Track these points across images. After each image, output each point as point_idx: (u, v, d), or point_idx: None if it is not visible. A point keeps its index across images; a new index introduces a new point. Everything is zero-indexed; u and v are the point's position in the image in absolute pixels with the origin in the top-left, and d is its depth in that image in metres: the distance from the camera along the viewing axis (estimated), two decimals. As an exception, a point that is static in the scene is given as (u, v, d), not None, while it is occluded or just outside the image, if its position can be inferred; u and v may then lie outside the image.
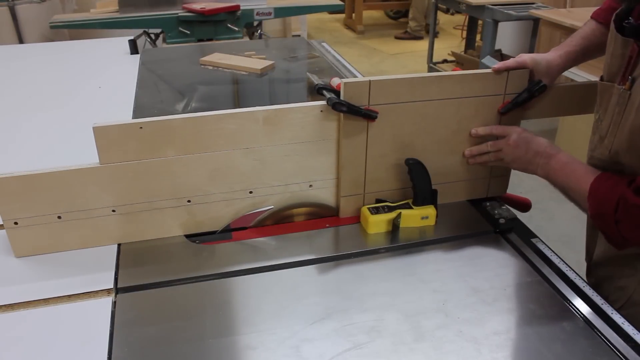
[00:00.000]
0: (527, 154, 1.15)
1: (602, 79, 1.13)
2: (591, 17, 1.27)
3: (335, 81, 1.17)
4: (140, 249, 1.14)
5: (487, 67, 1.20)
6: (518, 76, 1.20)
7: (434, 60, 5.22)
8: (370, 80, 1.11)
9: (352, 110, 1.12)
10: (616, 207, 0.96)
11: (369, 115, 1.13)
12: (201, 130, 1.08)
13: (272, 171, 1.17)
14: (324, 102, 1.13)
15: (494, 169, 1.29)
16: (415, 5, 6.78)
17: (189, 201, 1.15)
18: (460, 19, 6.58)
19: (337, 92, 1.13)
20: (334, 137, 1.17)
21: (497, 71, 1.18)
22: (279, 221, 1.23)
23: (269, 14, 3.41)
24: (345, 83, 1.11)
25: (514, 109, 1.22)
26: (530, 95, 1.20)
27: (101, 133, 1.03)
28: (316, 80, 1.21)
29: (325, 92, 1.15)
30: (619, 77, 1.05)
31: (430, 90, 1.16)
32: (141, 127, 1.04)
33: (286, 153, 1.16)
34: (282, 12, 3.55)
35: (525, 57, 1.21)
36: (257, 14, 3.38)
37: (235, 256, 1.13)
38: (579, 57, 1.25)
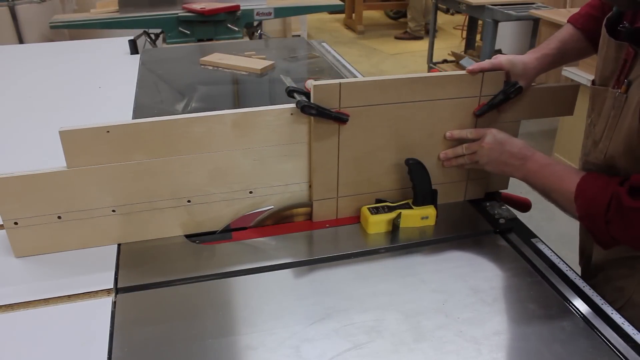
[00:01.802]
0: (501, 156, 1.14)
1: (593, 83, 1.12)
2: (568, 21, 1.26)
3: (309, 84, 1.15)
4: (140, 249, 1.14)
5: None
6: (493, 78, 1.19)
7: (434, 60, 5.22)
8: (340, 83, 1.10)
9: (321, 113, 1.10)
10: (607, 208, 0.95)
11: (339, 118, 1.12)
12: (169, 134, 1.07)
13: (237, 174, 1.15)
14: (294, 105, 1.11)
15: (471, 172, 1.28)
16: (413, 6, 6.77)
17: (189, 201, 1.15)
18: (460, 19, 6.58)
19: (309, 95, 1.12)
20: (306, 140, 1.16)
21: (472, 72, 1.17)
22: (279, 221, 1.23)
23: (269, 14, 3.41)
24: (314, 86, 1.09)
25: (490, 110, 1.20)
26: (506, 97, 1.19)
27: (68, 137, 1.02)
28: (288, 82, 1.20)
29: (295, 95, 1.13)
30: (614, 81, 1.04)
31: (402, 93, 1.15)
32: (108, 131, 1.03)
33: (257, 156, 1.14)
34: (282, 12, 3.55)
35: (501, 59, 1.19)
36: (257, 14, 3.38)
37: (235, 256, 1.13)
38: (555, 61, 1.24)
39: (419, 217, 1.20)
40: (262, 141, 1.13)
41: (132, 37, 2.52)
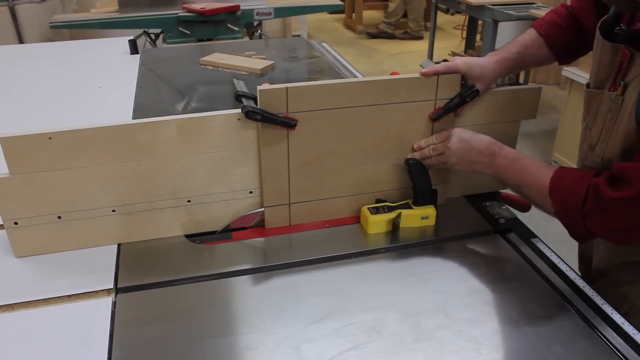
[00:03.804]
0: (469, 155, 1.13)
1: (588, 86, 1.11)
2: (532, 26, 1.24)
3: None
4: (140, 249, 1.14)
5: None
6: (449, 81, 1.16)
7: (434, 60, 5.21)
8: (287, 87, 1.08)
9: (267, 119, 1.08)
10: (584, 201, 0.94)
11: (286, 124, 1.10)
12: (114, 140, 1.05)
13: (187, 180, 1.13)
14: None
15: (431, 177, 1.26)
16: (413, 7, 6.77)
17: (189, 201, 1.15)
18: (460, 19, 6.58)
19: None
20: (255, 146, 1.14)
21: (426, 75, 1.14)
22: (279, 221, 1.23)
23: (269, 14, 3.41)
24: (260, 90, 1.07)
25: (446, 114, 1.18)
26: (462, 100, 1.17)
27: (9, 144, 1.00)
28: (239, 86, 1.17)
29: (243, 100, 1.10)
30: (609, 83, 1.03)
31: (353, 97, 1.13)
32: (50, 138, 1.01)
33: (205, 162, 1.12)
34: (282, 12, 3.55)
35: (458, 61, 1.17)
36: (257, 14, 3.38)
37: (235, 256, 1.13)
38: (515, 65, 1.22)
39: (419, 217, 1.20)
40: (209, 147, 1.11)
41: (132, 37, 2.51)
